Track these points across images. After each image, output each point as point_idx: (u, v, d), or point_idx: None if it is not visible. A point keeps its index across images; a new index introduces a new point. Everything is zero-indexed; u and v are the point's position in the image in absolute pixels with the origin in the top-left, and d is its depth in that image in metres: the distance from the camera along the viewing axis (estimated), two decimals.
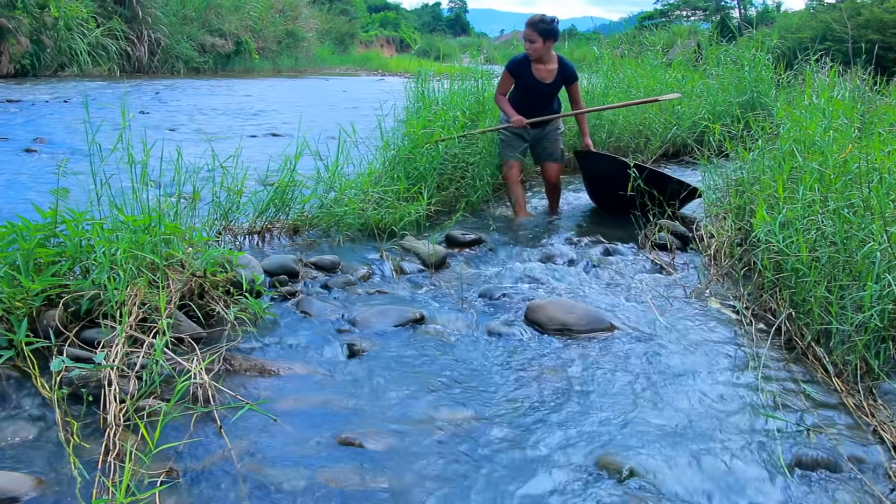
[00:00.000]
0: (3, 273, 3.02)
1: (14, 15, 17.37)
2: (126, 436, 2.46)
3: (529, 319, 3.68)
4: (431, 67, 7.75)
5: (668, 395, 2.97)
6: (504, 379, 3.08)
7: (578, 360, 3.28)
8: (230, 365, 3.03)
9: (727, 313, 3.90)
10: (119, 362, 2.73)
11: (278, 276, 3.99)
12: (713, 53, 10.66)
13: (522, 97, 5.88)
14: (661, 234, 5.10)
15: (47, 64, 18.87)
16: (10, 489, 2.14)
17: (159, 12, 23.45)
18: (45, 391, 2.70)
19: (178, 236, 3.49)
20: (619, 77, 9.12)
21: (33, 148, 8.36)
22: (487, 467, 2.44)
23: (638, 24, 33.11)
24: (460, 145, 6.02)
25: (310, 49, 32.88)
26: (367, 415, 2.75)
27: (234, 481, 2.30)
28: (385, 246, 4.72)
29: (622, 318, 3.79)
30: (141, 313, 3.05)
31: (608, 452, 2.54)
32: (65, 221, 3.29)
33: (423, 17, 71.68)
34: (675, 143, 8.65)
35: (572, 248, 5.03)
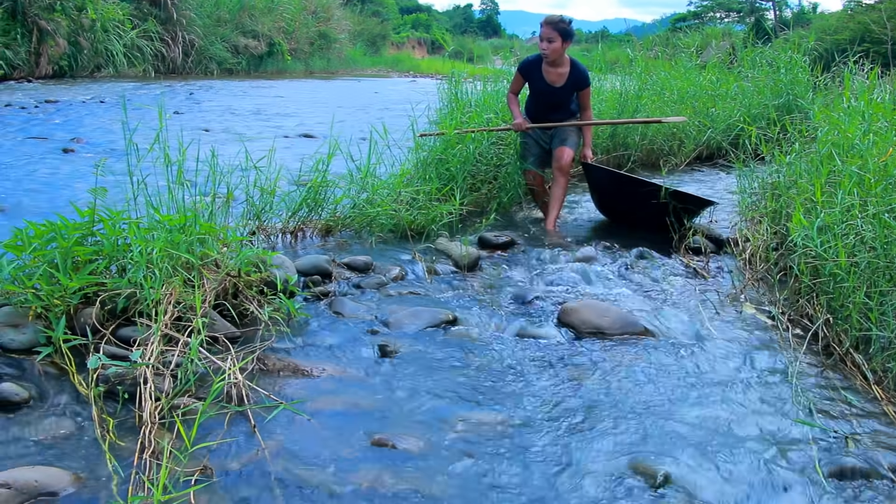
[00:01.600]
0: (43, 271, 3.06)
1: (53, 17, 17.64)
2: (161, 434, 2.47)
3: (563, 322, 3.67)
4: (464, 69, 7.74)
5: (703, 400, 2.94)
6: (537, 382, 3.06)
7: (612, 364, 3.25)
8: (264, 364, 3.05)
9: (763, 318, 3.85)
10: (154, 360, 2.75)
11: (311, 277, 4.00)
12: (748, 55, 10.55)
13: (534, 100, 5.79)
14: (696, 237, 5.05)
15: (84, 65, 19.14)
16: (49, 484, 2.16)
17: (194, 14, 23.69)
18: (82, 388, 2.73)
19: (212, 236, 3.51)
20: (652, 79, 9.04)
21: (71, 148, 8.47)
22: (520, 471, 2.43)
23: (671, 25, 32.90)
24: (490, 143, 6.00)
25: (342, 50, 33.04)
26: (400, 416, 2.74)
27: (267, 480, 2.30)
28: (418, 247, 4.72)
29: (656, 322, 3.75)
30: (176, 312, 3.07)
31: (642, 457, 2.52)
32: (102, 220, 3.33)
33: (455, 19, 71.71)
34: (708, 146, 8.56)
35: (605, 251, 5.00)
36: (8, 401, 2.60)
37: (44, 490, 2.14)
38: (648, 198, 5.25)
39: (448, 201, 5.24)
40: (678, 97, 8.82)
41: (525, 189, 6.11)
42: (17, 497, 2.08)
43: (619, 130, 7.91)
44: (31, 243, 3.17)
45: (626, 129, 7.92)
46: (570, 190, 6.95)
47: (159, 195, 3.67)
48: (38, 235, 3.21)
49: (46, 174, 7.04)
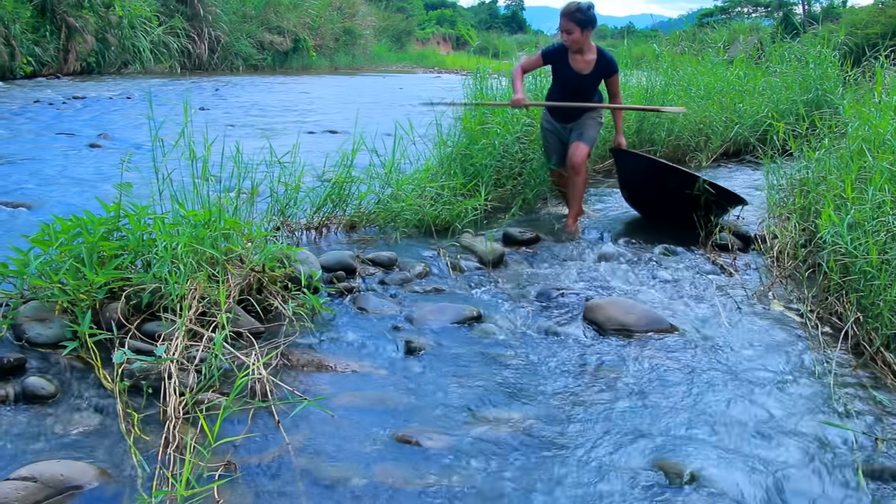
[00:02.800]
0: (69, 266, 3.07)
1: (81, 14, 17.80)
2: (185, 428, 2.47)
3: (588, 319, 3.64)
4: (489, 65, 7.70)
5: (731, 399, 2.90)
6: (562, 379, 3.04)
7: (637, 361, 3.22)
8: (288, 360, 3.04)
9: (791, 316, 3.80)
10: (179, 356, 2.75)
11: (335, 272, 3.99)
12: (777, 50, 10.42)
13: (559, 89, 5.53)
14: (722, 234, 4.99)
15: (111, 61, 19.30)
16: (75, 477, 2.17)
17: (219, 10, 23.82)
18: (107, 382, 2.74)
19: (237, 231, 3.51)
20: (678, 75, 8.95)
21: (97, 143, 8.53)
22: (545, 469, 2.41)
23: (697, 21, 32.60)
24: (515, 138, 5.96)
25: (367, 46, 33.09)
26: (424, 413, 2.73)
27: (291, 476, 2.30)
28: (442, 243, 4.70)
29: (682, 319, 3.71)
30: (200, 307, 3.07)
31: (668, 455, 2.49)
32: (127, 216, 3.34)
33: (480, 15, 71.49)
34: (735, 141, 8.47)
35: (630, 247, 4.96)
36: (35, 394, 2.62)
37: (69, 484, 2.15)
38: (681, 188, 5.17)
39: (473, 197, 5.21)
40: (705, 93, 8.72)
41: (552, 185, 6.06)
42: (43, 490, 2.09)
43: (646, 126, 7.84)
44: (58, 238, 3.19)
45: (652, 124, 7.85)
46: (598, 184, 6.92)
47: (184, 190, 3.68)
48: (64, 230, 3.23)
49: (73, 169, 7.10)
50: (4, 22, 15.24)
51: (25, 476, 2.11)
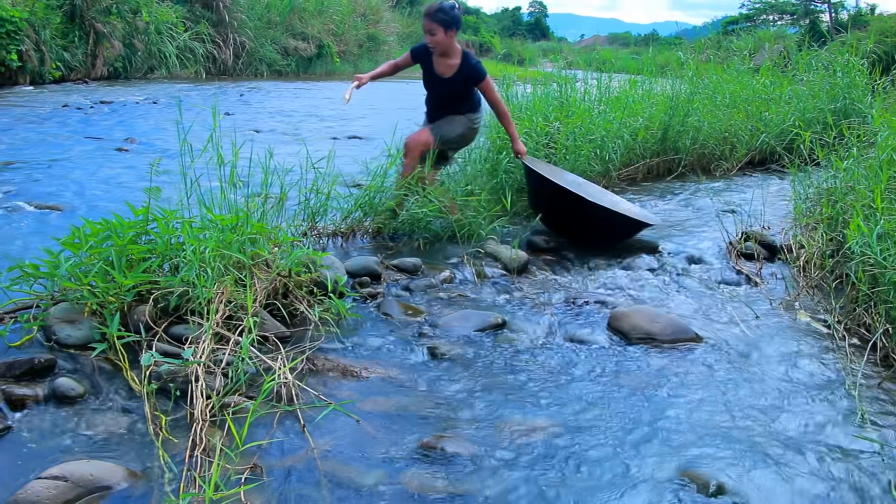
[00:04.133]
0: (98, 268, 3.11)
1: (109, 20, 17.98)
2: (212, 431, 2.49)
3: (613, 328, 3.62)
4: (514, 72, 7.71)
5: (758, 410, 2.88)
6: (587, 387, 3.03)
7: (663, 371, 3.21)
8: (313, 365, 3.06)
9: (818, 327, 3.77)
10: (206, 359, 2.78)
11: (361, 278, 4.01)
12: (803, 58, 10.35)
13: (427, 89, 5.33)
14: (748, 243, 4.96)
15: (138, 66, 19.46)
16: (104, 478, 2.19)
17: (245, 16, 23.95)
18: (135, 384, 2.76)
19: (263, 236, 3.54)
20: (703, 83, 8.91)
21: (125, 147, 8.61)
22: (570, 476, 2.40)
23: (722, 28, 32.44)
24: (542, 145, 5.96)
25: (390, 52, 33.09)
26: (449, 419, 2.73)
27: (317, 481, 2.31)
28: (466, 250, 4.70)
29: (708, 328, 3.70)
30: (227, 311, 3.10)
31: (695, 465, 2.48)
32: (156, 219, 3.37)
33: (503, 22, 71.48)
34: (761, 150, 8.42)
35: (654, 256, 4.93)
36: (65, 395, 2.65)
37: (98, 484, 2.17)
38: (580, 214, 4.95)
39: (499, 204, 5.20)
40: (730, 101, 8.68)
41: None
42: (73, 490, 2.11)
43: (670, 134, 7.80)
44: (88, 241, 3.23)
45: (677, 133, 7.81)
46: (620, 193, 6.89)
47: (212, 195, 3.72)
48: (94, 233, 3.26)
49: (101, 173, 7.17)
50: (35, 28, 15.43)
51: (56, 475, 2.13)
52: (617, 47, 42.95)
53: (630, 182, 7.47)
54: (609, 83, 8.11)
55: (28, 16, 15.07)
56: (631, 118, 7.32)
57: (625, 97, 7.91)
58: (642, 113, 7.61)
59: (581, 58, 13.70)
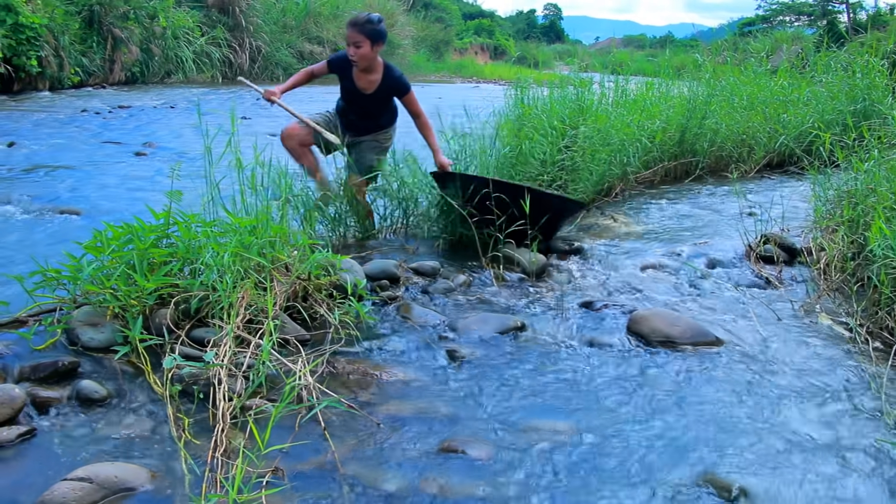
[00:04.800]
0: (121, 272, 3.13)
1: (127, 26, 18.12)
2: (234, 434, 2.51)
3: (632, 331, 3.62)
4: (530, 75, 7.71)
5: (779, 414, 2.87)
6: (607, 390, 3.03)
7: (683, 374, 3.20)
8: (333, 368, 3.07)
9: (839, 330, 3.74)
10: (227, 362, 2.79)
11: (380, 281, 4.02)
12: (822, 59, 10.29)
13: (344, 101, 5.08)
14: (767, 246, 4.94)
15: (155, 71, 19.60)
16: (128, 480, 2.21)
17: (260, 21, 24.07)
18: (157, 387, 2.78)
19: (282, 239, 3.55)
20: (721, 85, 8.88)
21: (143, 151, 8.68)
22: (590, 480, 2.40)
23: (738, 30, 32.27)
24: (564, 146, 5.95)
25: (405, 56, 33.18)
26: (469, 422, 2.74)
27: (338, 483, 2.32)
28: (485, 253, 4.70)
29: (728, 331, 3.68)
30: (248, 314, 3.11)
31: (716, 470, 2.46)
32: (176, 223, 3.40)
33: (518, 25, 71.54)
34: (780, 152, 8.37)
35: (673, 258, 4.92)
36: (88, 398, 2.67)
37: (123, 486, 2.19)
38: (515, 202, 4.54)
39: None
40: (748, 103, 8.64)
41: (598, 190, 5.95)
42: (98, 491, 2.13)
43: (688, 137, 7.78)
44: (110, 245, 3.25)
45: (694, 135, 7.79)
46: (639, 195, 6.88)
47: (233, 199, 3.74)
48: (116, 237, 3.29)
49: (120, 177, 7.23)
50: (54, 34, 15.57)
51: (82, 477, 2.15)
52: (632, 49, 42.89)
53: (648, 185, 7.45)
54: (626, 86, 8.09)
55: (48, 22, 15.21)
56: (648, 121, 7.30)
57: (642, 100, 7.89)
58: (660, 115, 7.58)
59: (596, 60, 13.68)
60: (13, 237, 5.03)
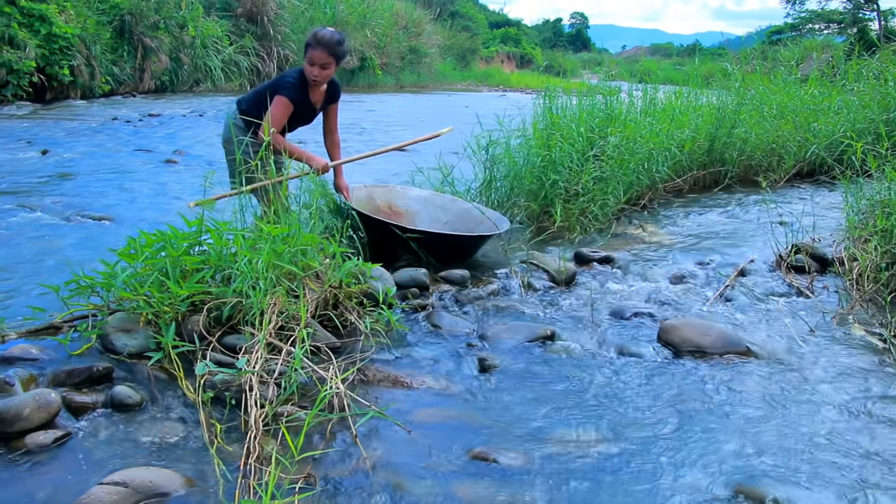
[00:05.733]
0: (154, 279, 3.16)
1: (157, 35, 18.34)
2: (266, 440, 2.52)
3: (663, 340, 3.60)
4: (558, 83, 7.68)
5: (813, 425, 2.84)
6: (638, 400, 3.01)
7: (714, 384, 3.17)
8: (364, 375, 3.08)
9: (873, 341, 3.70)
10: (259, 368, 2.81)
11: (409, 289, 4.03)
12: (853, 68, 10.19)
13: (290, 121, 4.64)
14: (798, 256, 4.89)
15: (184, 80, 19.81)
16: (163, 485, 2.23)
17: (288, 29, 24.25)
18: (190, 393, 2.81)
19: (314, 247, 3.57)
20: (750, 94, 8.81)
21: (173, 159, 8.77)
22: (622, 490, 2.39)
23: (767, 38, 32.06)
24: (592, 156, 5.93)
25: (432, 65, 33.31)
26: (499, 430, 2.73)
27: (369, 490, 2.32)
28: (514, 261, 4.70)
29: (759, 341, 3.65)
30: (279, 321, 3.13)
31: (749, 481, 2.44)
32: (209, 231, 3.43)
33: (544, 33, 71.48)
34: (810, 161, 8.29)
35: (703, 267, 4.89)
36: (122, 403, 2.70)
37: (157, 491, 2.21)
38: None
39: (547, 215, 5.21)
40: (777, 112, 8.57)
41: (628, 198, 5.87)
42: (133, 496, 2.15)
43: (717, 146, 7.73)
44: (143, 252, 3.29)
45: (723, 144, 7.74)
46: (668, 204, 6.84)
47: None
48: (149, 244, 3.33)
49: (151, 185, 7.31)
50: (86, 43, 15.80)
51: (117, 481, 2.17)
52: (659, 58, 42.68)
53: (676, 194, 7.41)
54: (654, 94, 8.06)
55: (80, 32, 15.43)
56: (677, 130, 7.26)
57: (671, 109, 7.85)
58: (689, 124, 7.54)
59: (623, 69, 13.64)
60: (46, 243, 5.09)
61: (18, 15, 14.14)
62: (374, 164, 5.42)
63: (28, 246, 5.00)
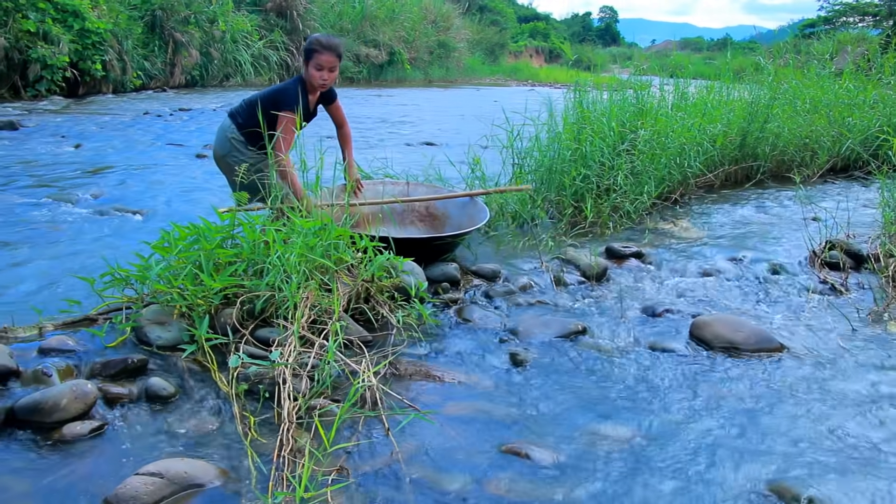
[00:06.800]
0: (188, 272, 3.19)
1: (187, 30, 18.48)
2: (298, 433, 2.53)
3: (695, 336, 3.57)
4: (588, 78, 7.64)
5: (848, 423, 2.80)
6: (670, 396, 2.99)
7: (747, 380, 3.14)
8: (396, 369, 3.08)
9: None
10: (292, 361, 2.82)
11: (440, 284, 4.03)
12: (889, 61, 10.03)
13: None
14: (832, 252, 4.83)
15: (214, 74, 19.95)
16: (197, 476, 2.25)
17: (318, 24, 24.35)
18: (223, 385, 2.83)
19: (345, 241, 3.58)
20: (783, 88, 8.71)
21: (204, 153, 8.82)
22: (654, 486, 2.37)
23: (799, 32, 31.63)
24: (623, 150, 5.89)
25: (460, 59, 33.24)
26: (531, 425, 2.73)
27: (401, 484, 2.33)
28: (545, 256, 4.69)
29: (792, 338, 3.61)
30: (312, 315, 3.15)
31: (783, 478, 2.42)
32: (241, 224, 3.45)
33: (573, 27, 71.07)
34: (844, 156, 8.18)
35: (735, 263, 4.84)
36: (157, 395, 2.73)
37: (192, 482, 2.23)
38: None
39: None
40: (811, 106, 8.46)
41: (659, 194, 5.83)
42: (169, 486, 2.17)
43: (749, 140, 7.65)
44: (177, 245, 3.32)
45: (755, 139, 7.66)
46: (700, 200, 6.78)
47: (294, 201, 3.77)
48: (182, 237, 3.35)
49: (182, 179, 7.37)
50: (118, 38, 15.96)
51: (153, 472, 2.20)
52: (689, 52, 42.28)
53: (707, 189, 7.35)
54: (686, 89, 7.98)
55: (112, 27, 15.58)
56: (709, 124, 7.19)
57: (702, 103, 7.78)
58: (720, 119, 7.47)
59: (653, 63, 13.54)
60: (79, 236, 5.15)
61: (52, 10, 14.31)
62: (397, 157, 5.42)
63: (63, 239, 5.07)
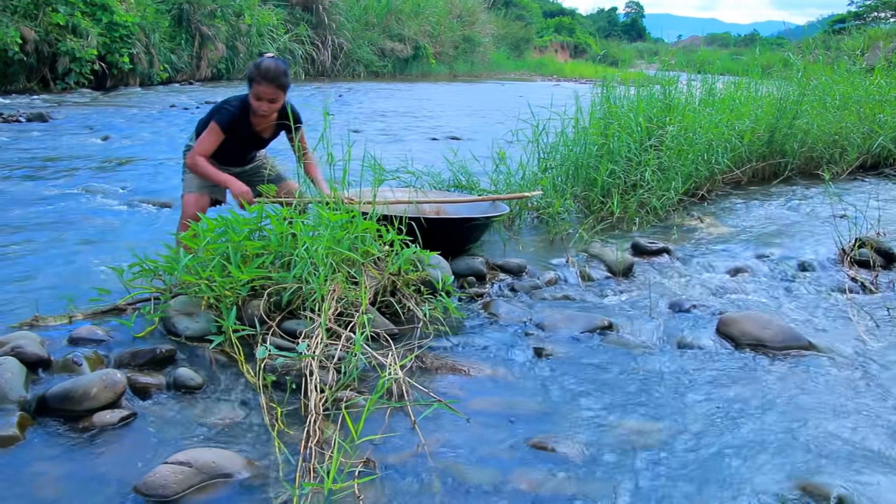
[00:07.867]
0: (216, 263, 3.21)
1: (214, 23, 18.61)
2: (325, 424, 2.54)
3: (722, 333, 3.54)
4: (615, 73, 7.61)
5: (879, 420, 2.77)
6: (697, 393, 2.97)
7: (774, 378, 3.12)
8: (422, 362, 3.09)
9: None
10: (319, 353, 2.83)
11: (466, 278, 4.04)
12: None
13: (234, 147, 4.29)
14: (863, 250, 4.78)
15: (239, 68, 20.08)
16: (224, 466, 2.26)
17: (343, 18, 24.43)
18: (250, 376, 2.84)
19: (372, 234, 3.59)
20: (813, 84, 8.62)
21: None
22: (681, 484, 2.35)
23: (829, 27, 31.29)
24: (649, 146, 5.86)
25: (485, 54, 33.22)
26: (557, 420, 2.72)
27: (428, 477, 2.33)
28: (571, 252, 4.67)
29: (821, 336, 3.57)
30: (339, 307, 3.16)
31: (812, 477, 2.39)
32: (269, 216, 3.47)
33: (599, 22, 70.80)
34: (874, 153, 8.08)
35: (763, 260, 4.80)
36: (185, 385, 2.75)
37: (220, 472, 2.24)
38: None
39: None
40: (841, 103, 8.37)
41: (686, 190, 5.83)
42: (197, 475, 2.19)
43: (777, 137, 7.58)
44: (205, 237, 3.34)
45: (783, 135, 7.59)
46: (725, 196, 6.73)
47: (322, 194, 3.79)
48: (210, 229, 3.37)
49: None
50: (146, 32, 16.09)
51: (182, 461, 2.21)
52: (716, 48, 41.94)
53: (735, 185, 7.29)
54: (713, 85, 7.93)
55: (139, 20, 15.71)
56: (737, 120, 7.14)
57: (730, 99, 7.72)
58: (748, 115, 7.41)
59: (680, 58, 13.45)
60: (110, 227, 5.21)
61: (81, 4, 14.45)
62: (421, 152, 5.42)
63: (92, 229, 5.12)
